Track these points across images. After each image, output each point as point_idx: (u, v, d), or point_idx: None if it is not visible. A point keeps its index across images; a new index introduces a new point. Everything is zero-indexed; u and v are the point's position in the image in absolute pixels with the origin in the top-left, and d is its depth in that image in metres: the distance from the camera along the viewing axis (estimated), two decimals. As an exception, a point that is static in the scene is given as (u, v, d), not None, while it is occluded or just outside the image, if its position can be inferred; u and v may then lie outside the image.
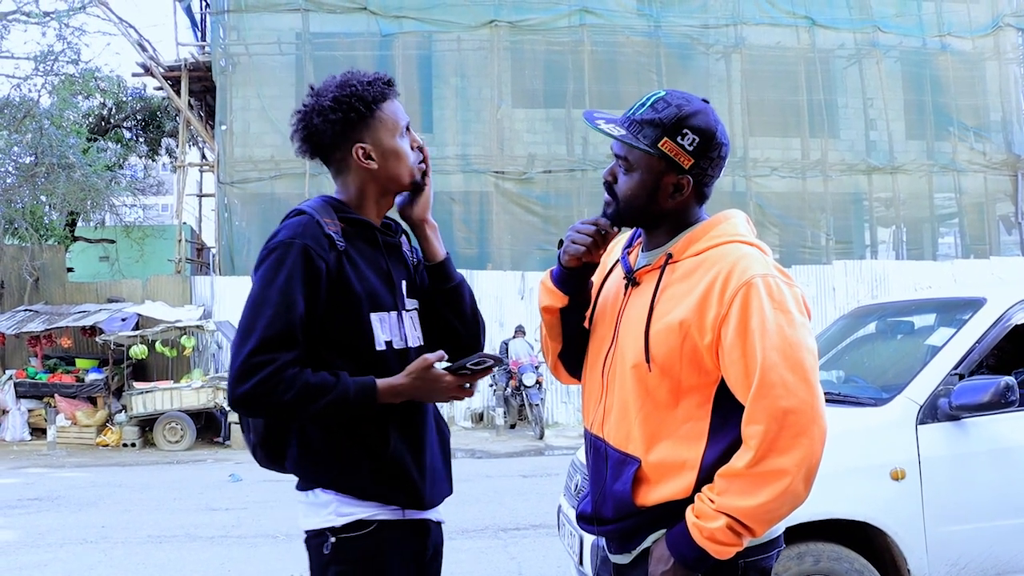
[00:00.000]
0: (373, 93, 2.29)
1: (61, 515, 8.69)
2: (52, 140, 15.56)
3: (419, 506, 2.28)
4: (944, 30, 18.99)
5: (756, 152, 18.11)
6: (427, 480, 2.30)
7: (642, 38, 18.04)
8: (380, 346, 2.26)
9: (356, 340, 2.23)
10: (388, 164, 2.32)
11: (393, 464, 2.23)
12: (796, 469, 1.87)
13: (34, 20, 16.74)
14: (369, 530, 2.20)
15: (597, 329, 2.29)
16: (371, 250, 2.33)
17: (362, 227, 2.33)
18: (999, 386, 3.92)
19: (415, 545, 2.30)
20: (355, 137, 2.29)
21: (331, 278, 2.19)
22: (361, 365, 2.22)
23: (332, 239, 2.21)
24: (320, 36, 17.54)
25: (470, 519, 7.86)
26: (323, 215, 2.25)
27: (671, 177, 2.08)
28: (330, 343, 2.22)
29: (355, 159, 2.30)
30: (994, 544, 4.03)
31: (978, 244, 19.06)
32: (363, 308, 2.23)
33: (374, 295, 2.26)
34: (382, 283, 2.30)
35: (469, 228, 17.57)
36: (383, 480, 2.22)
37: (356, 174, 2.34)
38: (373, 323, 2.25)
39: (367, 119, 2.29)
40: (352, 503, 2.20)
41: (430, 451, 2.36)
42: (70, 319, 14.38)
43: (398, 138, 2.33)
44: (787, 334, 1.92)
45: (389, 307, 2.30)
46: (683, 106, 2.06)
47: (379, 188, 2.36)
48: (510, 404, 15.06)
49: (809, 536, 3.89)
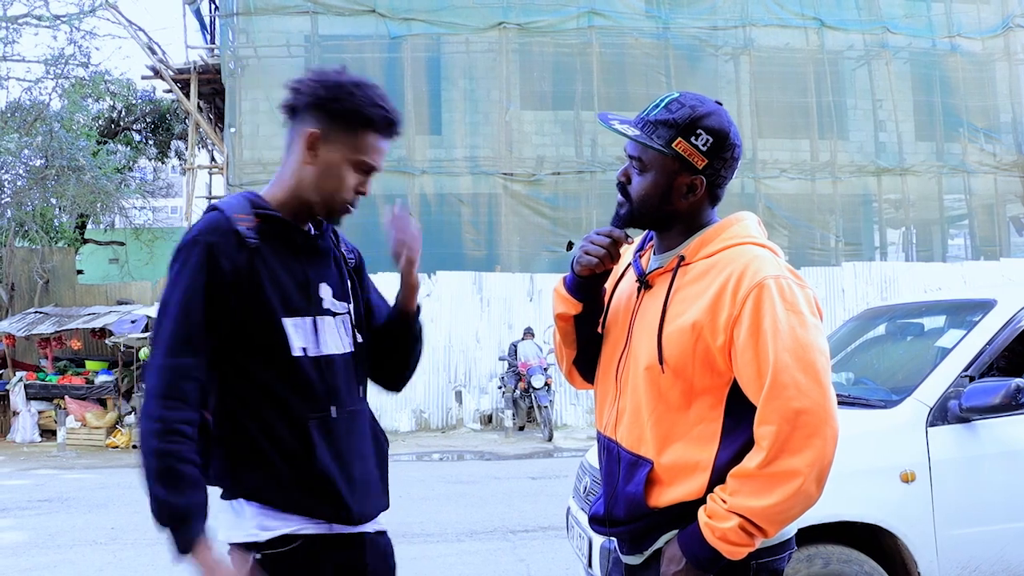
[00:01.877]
0: (368, 116, 2.16)
1: (71, 516, 8.72)
2: (62, 143, 15.62)
3: (347, 521, 2.18)
4: (954, 31, 18.93)
5: (765, 154, 18.07)
6: (357, 493, 2.20)
7: (651, 40, 18.02)
8: (296, 352, 2.14)
9: (269, 343, 2.12)
10: (321, 174, 2.18)
11: (319, 476, 2.13)
12: (808, 470, 1.87)
13: (45, 24, 16.83)
14: (294, 546, 2.11)
15: (610, 332, 2.28)
16: (288, 251, 2.19)
17: (280, 225, 2.19)
18: (1010, 388, 3.90)
19: (346, 560, 2.21)
20: (320, 123, 2.16)
21: (240, 278, 2.08)
22: (278, 371, 2.13)
23: (242, 236, 2.10)
24: (329, 39, 17.57)
25: (479, 521, 7.85)
26: (237, 211, 2.14)
27: (685, 177, 2.09)
28: (246, 348, 2.12)
29: (302, 140, 2.17)
30: (1005, 547, 4.01)
31: (988, 246, 18.99)
32: (275, 312, 2.12)
33: (287, 298, 2.15)
34: (297, 287, 2.18)
35: (478, 230, 17.58)
36: (308, 492, 2.12)
37: (292, 161, 2.22)
38: (287, 328, 2.13)
39: (342, 124, 2.16)
40: (275, 516, 2.10)
41: (361, 463, 2.25)
42: (80, 321, 14.42)
43: (349, 164, 2.18)
44: (799, 335, 1.92)
45: (303, 312, 2.17)
46: (697, 107, 2.07)
47: (301, 190, 2.21)
48: (519, 406, 15.06)
49: (819, 538, 3.88)
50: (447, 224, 17.15)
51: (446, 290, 15.70)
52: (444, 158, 17.27)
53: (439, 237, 16.34)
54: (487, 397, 15.76)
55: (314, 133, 2.16)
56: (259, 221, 2.16)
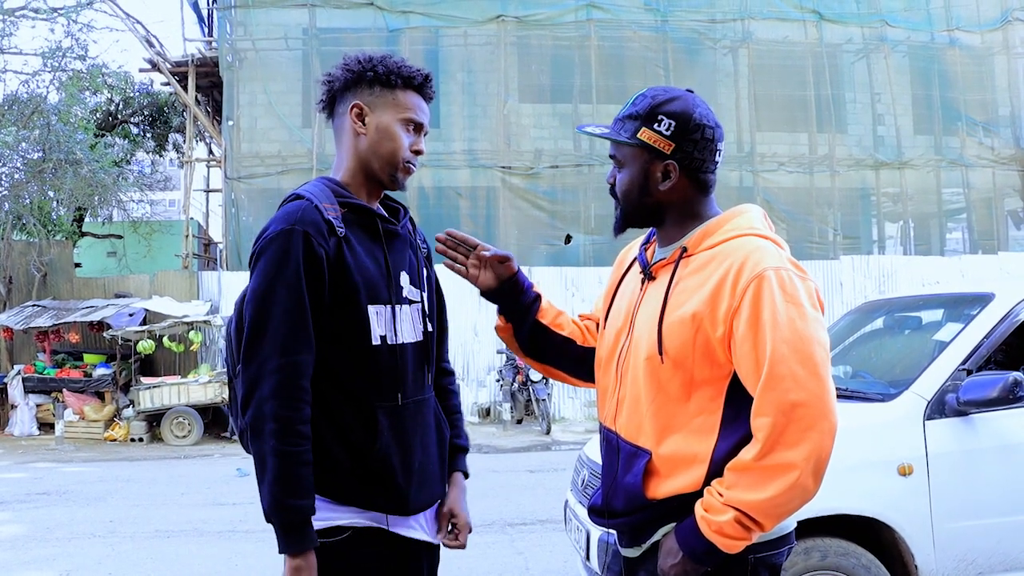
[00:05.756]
0: (404, 75, 2.24)
1: (69, 509, 8.72)
2: (60, 136, 15.57)
3: (403, 511, 2.19)
4: (952, 24, 18.91)
5: (763, 147, 18.05)
6: (414, 483, 2.20)
7: (649, 33, 17.99)
8: (375, 340, 2.16)
9: (351, 332, 2.14)
10: (376, 139, 2.24)
11: (378, 464, 2.14)
12: (805, 463, 1.87)
13: (42, 16, 16.77)
14: (343, 537, 2.11)
15: (613, 323, 2.30)
16: (370, 239, 2.23)
17: (362, 213, 2.23)
18: (1007, 382, 3.91)
19: (397, 563, 2.21)
20: (361, 96, 2.24)
21: (331, 266, 2.10)
22: (353, 358, 2.15)
23: (332, 225, 2.12)
24: (327, 31, 17.52)
25: (477, 514, 7.82)
26: (322, 200, 2.15)
27: (657, 165, 2.12)
28: (327, 335, 2.12)
29: (350, 118, 2.24)
30: (1002, 540, 4.02)
31: (986, 239, 19.00)
32: (361, 299, 2.14)
33: (372, 286, 2.17)
34: (380, 274, 2.20)
35: (476, 223, 17.55)
36: (365, 482, 2.13)
37: (346, 140, 2.27)
38: (370, 315, 2.16)
39: (382, 89, 2.23)
40: (328, 507, 2.11)
41: (423, 452, 2.26)
42: (78, 314, 14.39)
43: (399, 123, 2.24)
44: (798, 327, 1.92)
45: (384, 300, 2.19)
46: (658, 95, 2.11)
47: (362, 163, 2.26)
48: (517, 399, 15.06)
49: (816, 531, 3.89)
50: (445, 217, 17.12)
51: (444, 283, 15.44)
52: (442, 151, 17.23)
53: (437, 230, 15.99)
54: (485, 390, 15.78)
55: (358, 104, 2.24)
56: (345, 210, 2.19)
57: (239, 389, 2.11)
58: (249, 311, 2.09)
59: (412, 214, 2.42)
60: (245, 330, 2.08)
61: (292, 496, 1.99)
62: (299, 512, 2.00)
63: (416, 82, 2.26)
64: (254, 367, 2.04)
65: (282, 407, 2.01)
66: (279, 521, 2.01)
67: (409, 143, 2.27)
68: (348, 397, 2.15)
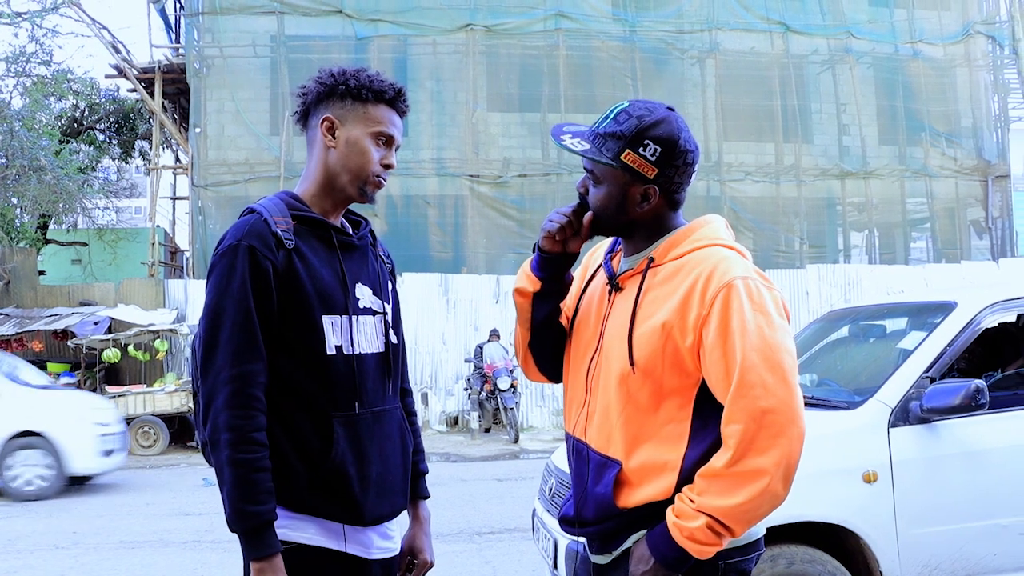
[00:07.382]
0: (375, 88, 2.24)
1: (32, 521, 8.61)
2: (23, 142, 15.43)
3: (359, 521, 2.18)
4: (916, 37, 19.19)
5: (730, 157, 18.19)
6: (371, 493, 2.20)
7: (617, 43, 18.10)
8: (330, 350, 2.17)
9: (305, 342, 2.15)
10: (346, 152, 2.24)
11: (333, 473, 2.14)
12: (775, 469, 1.89)
13: (5, 20, 16.62)
14: (290, 548, 2.09)
15: (581, 333, 2.29)
16: (326, 249, 2.24)
17: (315, 225, 2.24)
18: (969, 389, 3.96)
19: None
20: (332, 109, 2.25)
21: (280, 277, 2.12)
22: (308, 367, 2.15)
23: (280, 238, 2.13)
24: (295, 39, 17.48)
25: (444, 523, 7.85)
26: (274, 213, 2.17)
27: (637, 188, 2.10)
28: (280, 346, 2.14)
29: (320, 131, 2.25)
30: (965, 546, 4.07)
31: (949, 248, 19.25)
32: (314, 309, 2.15)
33: (326, 297, 2.18)
34: (334, 285, 2.21)
35: (444, 232, 17.55)
36: (319, 491, 2.13)
37: (317, 153, 2.28)
38: (324, 325, 2.17)
39: (353, 103, 2.24)
40: (286, 516, 2.10)
41: (382, 463, 2.25)
42: (42, 323, 14.25)
43: (369, 138, 2.25)
44: (767, 335, 1.94)
45: (340, 310, 2.20)
46: (644, 117, 2.07)
47: (330, 176, 2.26)
48: (485, 408, 15.04)
49: (782, 539, 3.91)
50: (413, 226, 17.11)
51: (412, 292, 15.64)
52: (410, 160, 17.21)
53: (405, 239, 16.29)
54: (453, 399, 15.75)
55: (329, 118, 2.25)
56: (296, 222, 2.21)
57: (200, 402, 2.14)
58: (202, 326, 2.13)
59: (380, 223, 2.42)
60: (200, 345, 2.13)
61: (250, 502, 2.01)
62: (258, 517, 2.02)
63: (388, 96, 2.27)
64: (210, 380, 2.08)
65: (235, 416, 2.03)
66: (240, 528, 2.03)
67: (379, 157, 2.27)
68: (304, 406, 2.16)
